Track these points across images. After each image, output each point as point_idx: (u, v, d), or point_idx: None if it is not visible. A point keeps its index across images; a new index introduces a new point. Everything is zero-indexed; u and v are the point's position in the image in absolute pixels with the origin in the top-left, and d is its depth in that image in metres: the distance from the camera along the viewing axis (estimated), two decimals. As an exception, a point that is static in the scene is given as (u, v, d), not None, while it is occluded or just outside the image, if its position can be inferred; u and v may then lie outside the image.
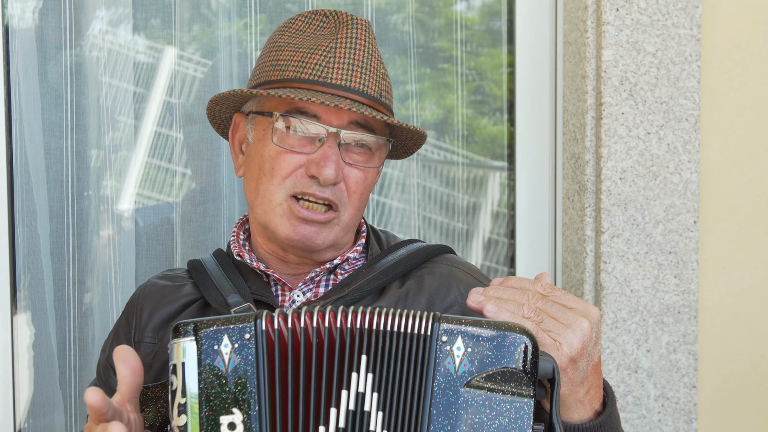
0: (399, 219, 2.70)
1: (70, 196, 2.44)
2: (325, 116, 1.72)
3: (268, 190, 1.74)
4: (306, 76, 1.72)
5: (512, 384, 1.38)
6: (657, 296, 2.50)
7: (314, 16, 1.81)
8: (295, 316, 1.45)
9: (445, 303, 1.76)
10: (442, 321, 1.42)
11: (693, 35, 2.49)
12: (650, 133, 2.48)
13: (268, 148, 1.74)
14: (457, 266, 1.83)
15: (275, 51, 1.78)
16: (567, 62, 2.57)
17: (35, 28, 2.43)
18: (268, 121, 1.74)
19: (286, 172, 1.72)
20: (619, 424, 1.56)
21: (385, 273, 1.77)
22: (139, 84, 2.53)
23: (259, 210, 1.76)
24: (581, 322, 1.45)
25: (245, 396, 1.40)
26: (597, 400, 1.52)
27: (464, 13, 2.73)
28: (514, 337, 1.39)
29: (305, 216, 1.72)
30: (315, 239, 1.74)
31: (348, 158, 1.74)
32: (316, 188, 1.71)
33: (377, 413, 1.41)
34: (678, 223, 2.51)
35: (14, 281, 2.41)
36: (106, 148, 2.47)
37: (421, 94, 2.69)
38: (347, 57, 1.73)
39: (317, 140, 1.72)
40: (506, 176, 2.73)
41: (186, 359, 1.42)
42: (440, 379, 1.40)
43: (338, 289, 1.75)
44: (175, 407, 1.41)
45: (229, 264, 1.84)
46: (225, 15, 2.56)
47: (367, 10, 2.61)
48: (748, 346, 2.61)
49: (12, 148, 2.39)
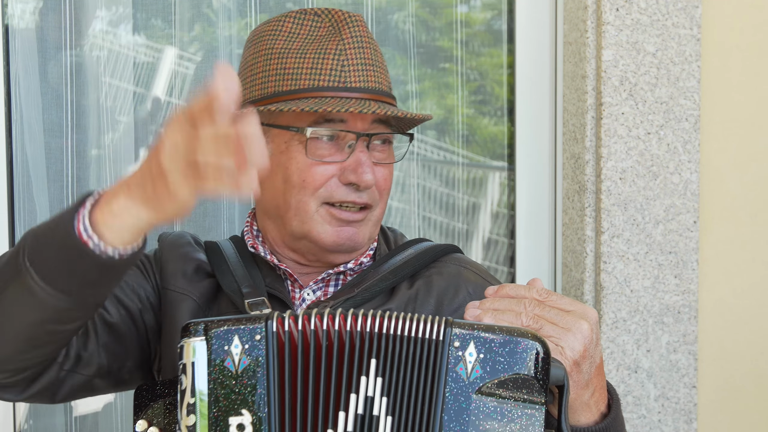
0: (399, 219, 2.70)
1: (70, 196, 2.44)
2: (351, 120, 1.70)
3: (302, 201, 1.71)
4: (324, 84, 1.69)
5: (524, 391, 1.38)
6: (657, 296, 2.50)
7: (305, 17, 1.77)
8: (305, 318, 1.44)
9: (453, 304, 1.75)
10: (455, 326, 1.41)
11: (693, 35, 2.49)
12: (650, 133, 2.48)
13: (295, 160, 1.70)
14: (465, 266, 1.82)
15: (277, 58, 1.74)
16: (567, 62, 2.57)
17: (35, 28, 2.43)
18: (290, 134, 1.71)
19: (319, 183, 1.70)
20: (623, 425, 1.56)
21: (394, 273, 1.76)
22: (139, 84, 2.53)
23: (295, 221, 1.72)
24: (581, 324, 1.44)
25: (254, 397, 1.40)
26: (602, 402, 1.52)
27: (465, 12, 2.73)
28: (526, 343, 1.39)
29: (346, 218, 1.71)
30: (357, 238, 1.73)
31: (374, 158, 1.73)
32: (355, 195, 1.70)
33: (386, 417, 1.41)
34: (678, 223, 2.51)
35: (14, 281, 2.42)
36: (106, 148, 2.47)
37: (422, 93, 2.69)
38: (358, 57, 1.72)
39: (346, 146, 1.70)
40: (506, 176, 2.74)
41: (196, 359, 1.42)
42: (452, 384, 1.39)
43: (348, 290, 1.74)
44: (184, 407, 1.41)
45: (246, 252, 1.81)
46: (225, 15, 2.56)
47: (367, 9, 2.61)
48: (748, 346, 2.61)
49: (12, 148, 2.40)
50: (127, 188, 1.34)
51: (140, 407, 1.57)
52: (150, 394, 1.56)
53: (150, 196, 1.31)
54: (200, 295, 1.75)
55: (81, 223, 1.35)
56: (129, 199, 1.33)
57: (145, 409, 1.56)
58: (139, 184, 1.32)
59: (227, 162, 1.18)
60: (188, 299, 1.74)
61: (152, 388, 1.57)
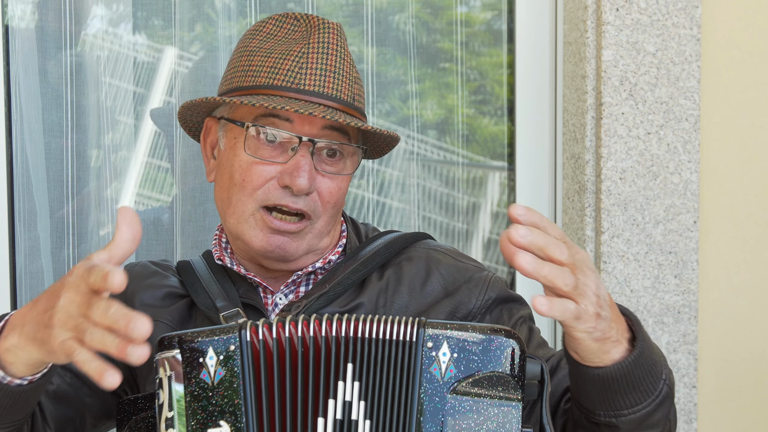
0: (399, 219, 2.70)
1: (70, 196, 2.44)
2: (298, 123, 1.69)
3: (240, 200, 1.71)
4: (278, 83, 1.69)
5: (499, 388, 1.38)
6: (657, 296, 2.50)
7: (285, 20, 1.78)
8: (279, 325, 1.45)
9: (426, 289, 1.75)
10: (428, 326, 1.42)
11: (693, 35, 2.49)
12: (650, 133, 2.48)
13: (239, 158, 1.70)
14: (434, 248, 1.82)
15: (246, 56, 1.75)
16: (567, 62, 2.57)
17: (35, 27, 2.43)
18: (239, 129, 1.71)
19: (258, 184, 1.69)
20: (651, 340, 1.51)
21: (365, 264, 1.75)
22: (139, 84, 2.53)
23: (231, 220, 1.73)
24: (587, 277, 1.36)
25: (232, 408, 1.41)
26: (624, 329, 1.46)
27: (465, 12, 2.73)
28: (500, 341, 1.39)
29: (278, 227, 1.69)
30: (288, 249, 1.71)
31: (321, 168, 1.71)
32: (290, 199, 1.69)
33: (365, 422, 1.42)
34: (678, 223, 2.51)
35: (14, 281, 2.42)
36: (106, 148, 2.47)
37: (422, 93, 2.69)
38: (320, 62, 1.71)
39: (289, 149, 1.70)
40: (506, 176, 2.74)
41: (172, 373, 1.43)
42: (426, 385, 1.40)
43: (319, 286, 1.73)
44: (163, 421, 1.42)
45: (216, 266, 1.82)
46: (226, 14, 2.56)
47: (368, 9, 2.61)
48: (748, 346, 2.61)
49: (12, 148, 2.40)
50: (21, 326, 1.35)
51: (122, 422, 1.58)
52: (132, 407, 1.57)
53: (38, 339, 1.31)
54: (172, 318, 1.75)
55: None
56: (21, 336, 1.34)
57: (127, 423, 1.57)
58: (32, 323, 1.33)
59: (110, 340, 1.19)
60: (160, 323, 1.73)
61: (134, 402, 1.58)
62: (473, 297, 1.75)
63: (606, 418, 1.49)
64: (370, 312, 1.72)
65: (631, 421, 1.49)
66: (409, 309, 1.73)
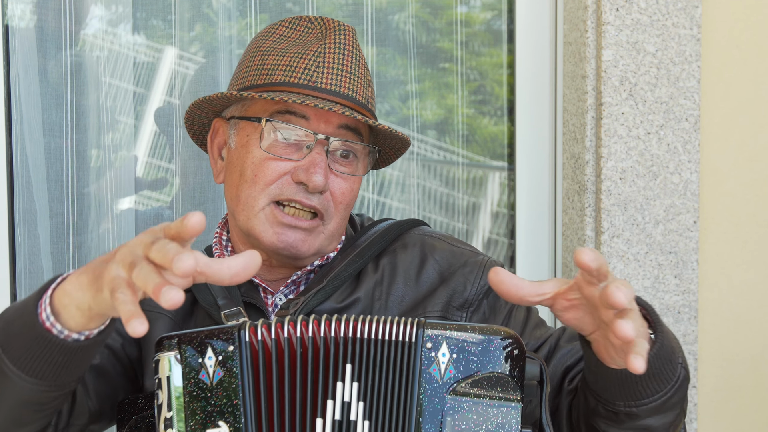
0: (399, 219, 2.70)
1: (70, 196, 2.44)
2: (314, 121, 1.69)
3: (250, 196, 1.70)
4: (295, 80, 1.70)
5: (499, 389, 1.38)
6: (657, 296, 2.50)
7: (299, 22, 1.79)
8: (278, 326, 1.45)
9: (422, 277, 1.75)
10: (427, 327, 1.42)
11: (693, 35, 2.49)
12: (650, 133, 2.48)
13: (251, 154, 1.70)
14: (429, 234, 1.82)
15: (260, 55, 1.75)
16: (567, 62, 2.57)
17: (35, 27, 2.43)
18: (253, 126, 1.71)
19: (271, 179, 1.69)
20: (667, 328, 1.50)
21: (361, 255, 1.75)
22: (139, 84, 2.53)
23: (241, 216, 1.72)
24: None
25: (231, 408, 1.41)
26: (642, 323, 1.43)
27: (465, 12, 2.73)
28: (499, 341, 1.39)
29: (289, 222, 1.69)
30: (300, 247, 1.70)
31: (334, 168, 1.72)
32: (303, 195, 1.68)
33: (364, 422, 1.42)
34: (678, 223, 2.51)
35: (14, 281, 2.42)
36: (106, 148, 2.47)
37: (422, 93, 2.69)
38: (336, 62, 1.71)
39: (305, 147, 1.70)
40: (506, 176, 2.74)
41: (171, 373, 1.43)
42: (426, 386, 1.40)
43: (317, 281, 1.73)
44: (162, 421, 1.42)
45: None
46: (225, 15, 2.56)
47: (367, 9, 2.61)
48: (748, 346, 2.61)
49: (12, 148, 2.40)
50: (82, 270, 1.34)
51: (123, 421, 1.58)
52: (132, 407, 1.57)
53: (95, 274, 1.30)
54: (175, 313, 1.74)
55: (44, 311, 1.36)
56: (81, 276, 1.34)
57: (127, 423, 1.57)
58: (94, 263, 1.33)
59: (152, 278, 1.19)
60: (162, 317, 1.73)
61: (134, 402, 1.58)
62: (469, 283, 1.74)
63: (626, 408, 1.49)
64: (367, 306, 1.72)
65: (650, 409, 1.49)
66: (405, 300, 1.73)
